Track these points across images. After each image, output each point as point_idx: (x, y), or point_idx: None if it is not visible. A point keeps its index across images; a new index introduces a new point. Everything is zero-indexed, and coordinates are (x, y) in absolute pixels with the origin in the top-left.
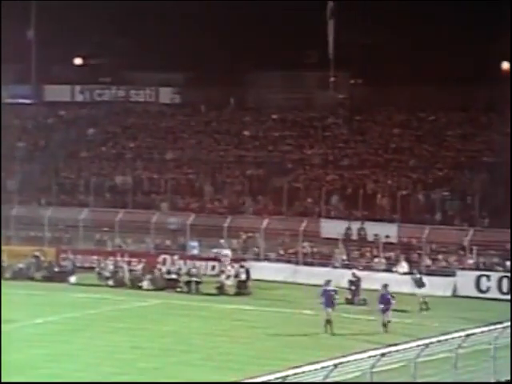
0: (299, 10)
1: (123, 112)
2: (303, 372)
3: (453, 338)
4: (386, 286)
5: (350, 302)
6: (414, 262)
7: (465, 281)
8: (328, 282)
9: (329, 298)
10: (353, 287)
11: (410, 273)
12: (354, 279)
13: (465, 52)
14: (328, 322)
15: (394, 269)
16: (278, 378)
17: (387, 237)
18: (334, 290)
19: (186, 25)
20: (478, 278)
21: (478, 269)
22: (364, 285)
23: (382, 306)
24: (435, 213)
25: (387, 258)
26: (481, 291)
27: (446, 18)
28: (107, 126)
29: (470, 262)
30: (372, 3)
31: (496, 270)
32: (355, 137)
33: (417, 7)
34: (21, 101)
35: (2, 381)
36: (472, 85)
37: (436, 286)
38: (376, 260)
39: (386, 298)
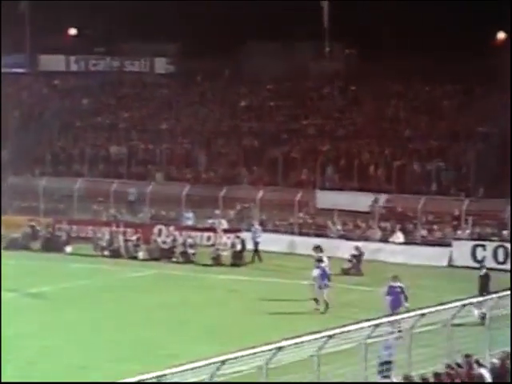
0: None
1: (118, 82)
2: (298, 343)
3: (448, 308)
4: (395, 277)
5: (346, 272)
6: (410, 233)
7: (460, 251)
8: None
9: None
10: (354, 260)
11: (404, 242)
12: (356, 253)
13: (461, 22)
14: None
15: (390, 239)
16: (273, 349)
17: (383, 207)
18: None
19: None
20: (474, 248)
21: (473, 239)
22: None
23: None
24: (431, 183)
25: (382, 229)
26: (477, 261)
27: None
28: (102, 96)
29: (466, 232)
30: None
31: (491, 240)
32: (350, 107)
33: None
34: (15, 70)
35: (2, 381)
36: (468, 55)
37: (432, 257)
38: (371, 230)
39: (395, 293)
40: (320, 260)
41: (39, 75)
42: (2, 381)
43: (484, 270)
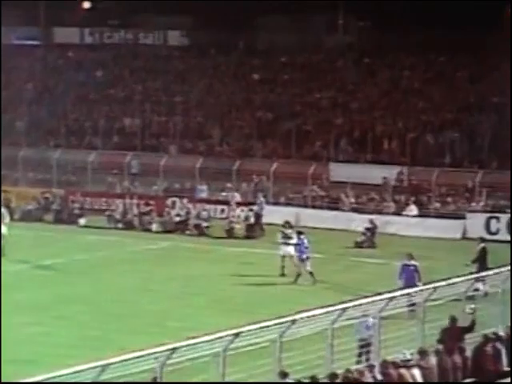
0: None
1: (132, 55)
2: (312, 316)
3: (462, 281)
4: (410, 255)
5: (359, 245)
6: (423, 205)
7: (474, 223)
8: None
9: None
10: (368, 233)
11: (418, 215)
12: (370, 226)
13: None
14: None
15: (404, 212)
16: (286, 322)
17: (396, 180)
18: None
19: None
20: (488, 220)
21: (487, 211)
22: None
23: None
24: (444, 155)
25: (396, 202)
26: (491, 233)
27: None
28: (116, 69)
29: (480, 204)
30: None
31: (506, 212)
32: (364, 80)
33: None
34: (29, 42)
35: (2, 380)
36: (481, 26)
37: (445, 229)
38: (385, 203)
39: (409, 272)
40: (288, 237)
41: (53, 48)
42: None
43: (482, 244)
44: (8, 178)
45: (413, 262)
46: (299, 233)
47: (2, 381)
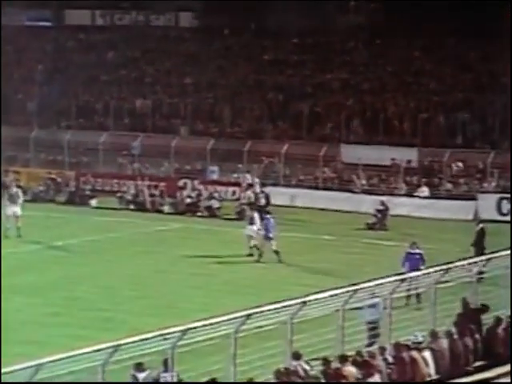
0: None
1: (143, 36)
2: (322, 298)
3: (472, 263)
4: (414, 243)
5: (370, 227)
6: (435, 186)
7: (486, 204)
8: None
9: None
10: (379, 215)
11: (430, 197)
12: (381, 207)
13: None
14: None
15: (415, 193)
16: (297, 304)
17: (408, 161)
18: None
19: None
20: (500, 201)
21: (499, 192)
22: None
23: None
24: (456, 136)
25: (408, 183)
26: (502, 214)
27: None
28: (127, 51)
29: (492, 184)
30: None
31: None
32: (375, 61)
33: None
34: (41, 24)
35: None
36: (493, 6)
37: (457, 210)
38: (396, 185)
39: (413, 260)
40: (252, 217)
41: (65, 29)
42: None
43: (480, 225)
44: (19, 158)
45: (418, 251)
46: (267, 212)
47: (5, 369)
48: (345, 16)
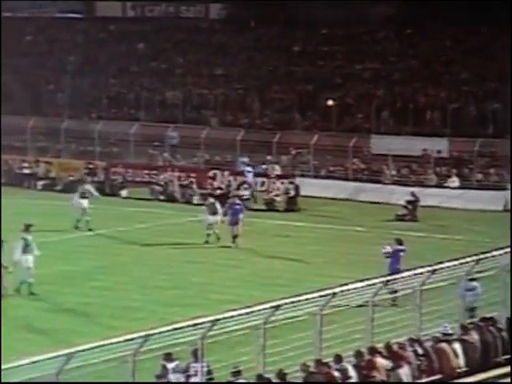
0: None
1: (173, 28)
2: (352, 289)
3: (503, 254)
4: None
5: (400, 218)
6: (465, 177)
7: None
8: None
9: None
10: (410, 206)
11: (460, 187)
12: (412, 198)
13: None
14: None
15: (446, 184)
16: (326, 295)
17: (438, 152)
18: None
19: None
20: None
21: None
22: None
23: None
24: (487, 125)
25: (438, 174)
26: None
27: None
28: (157, 42)
29: None
30: None
31: None
32: (405, 51)
33: None
34: (72, 15)
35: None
36: None
37: (487, 201)
38: (427, 176)
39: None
40: (214, 207)
41: (95, 21)
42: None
43: None
44: (50, 149)
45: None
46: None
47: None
48: (375, 6)
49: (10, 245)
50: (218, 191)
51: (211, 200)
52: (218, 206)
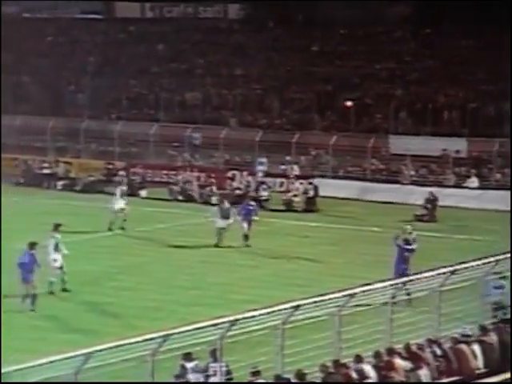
0: None
1: (192, 28)
2: (371, 290)
3: None
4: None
5: (419, 219)
6: (484, 177)
7: None
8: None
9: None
10: (429, 206)
11: (479, 187)
12: (431, 198)
13: None
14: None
15: (465, 184)
16: (345, 296)
17: (457, 152)
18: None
19: None
20: None
21: None
22: None
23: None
24: (505, 125)
25: (457, 174)
26: None
27: None
28: (176, 43)
29: None
30: None
31: None
32: (423, 51)
33: None
34: (92, 16)
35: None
36: None
37: (507, 201)
38: (445, 176)
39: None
40: (226, 211)
41: (115, 22)
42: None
43: None
44: (70, 149)
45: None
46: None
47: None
48: (392, 6)
49: (41, 244)
50: (237, 191)
51: (226, 205)
52: (231, 211)
